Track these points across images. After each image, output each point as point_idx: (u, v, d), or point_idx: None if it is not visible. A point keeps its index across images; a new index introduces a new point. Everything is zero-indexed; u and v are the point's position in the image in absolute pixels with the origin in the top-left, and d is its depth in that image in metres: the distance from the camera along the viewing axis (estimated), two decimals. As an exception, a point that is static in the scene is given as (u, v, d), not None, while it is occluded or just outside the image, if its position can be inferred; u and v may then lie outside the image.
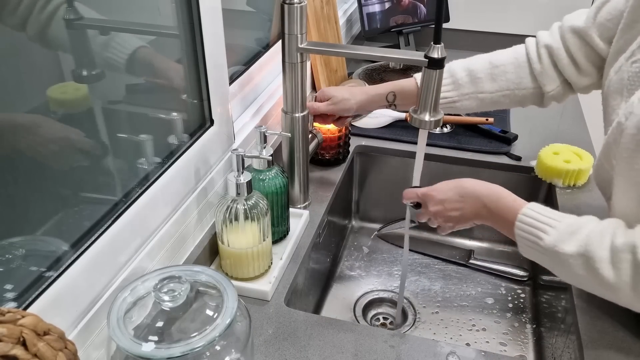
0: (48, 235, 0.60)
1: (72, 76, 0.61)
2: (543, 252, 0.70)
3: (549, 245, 0.69)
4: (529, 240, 0.71)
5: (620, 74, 0.75)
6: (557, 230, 0.69)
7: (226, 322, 0.58)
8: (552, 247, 0.68)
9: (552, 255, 0.69)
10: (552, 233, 0.69)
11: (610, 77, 0.77)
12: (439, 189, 0.82)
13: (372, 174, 1.24)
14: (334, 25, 1.32)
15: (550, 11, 1.63)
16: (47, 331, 0.44)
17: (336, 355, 0.73)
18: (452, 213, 0.80)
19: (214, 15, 0.82)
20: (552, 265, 0.71)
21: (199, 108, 0.86)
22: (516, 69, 0.93)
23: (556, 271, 0.72)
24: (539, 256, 0.71)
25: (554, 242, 0.68)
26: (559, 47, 0.90)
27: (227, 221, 0.78)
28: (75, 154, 0.62)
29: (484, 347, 0.97)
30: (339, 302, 1.08)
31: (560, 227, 0.69)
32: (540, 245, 0.70)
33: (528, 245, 0.72)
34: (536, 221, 0.71)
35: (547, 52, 0.91)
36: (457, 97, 0.94)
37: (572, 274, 0.68)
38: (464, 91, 0.93)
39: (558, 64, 0.90)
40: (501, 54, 0.95)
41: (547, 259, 0.71)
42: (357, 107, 0.98)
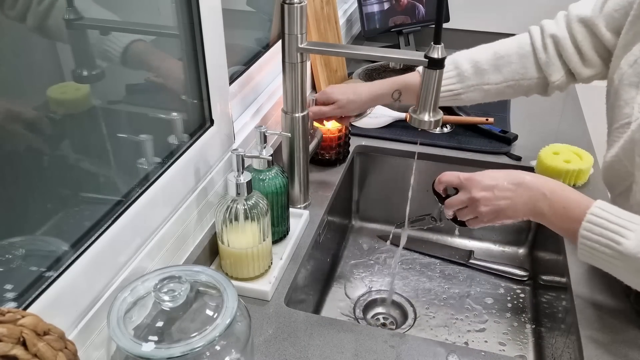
0: (48, 235, 0.60)
1: (72, 76, 0.61)
2: (618, 258, 0.62)
3: (631, 251, 0.61)
4: (600, 244, 0.63)
5: (637, 67, 0.74)
6: (637, 232, 0.61)
7: (226, 322, 0.58)
8: (635, 253, 0.61)
9: (631, 262, 0.61)
10: (632, 237, 0.61)
11: (623, 70, 0.76)
12: (486, 174, 0.75)
13: (372, 174, 1.24)
14: (334, 25, 1.32)
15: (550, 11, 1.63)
16: (47, 331, 0.44)
17: (336, 355, 0.73)
18: (501, 202, 0.73)
19: (214, 15, 0.82)
20: (626, 273, 0.64)
21: (199, 108, 0.86)
22: (521, 59, 0.91)
23: (632, 281, 0.65)
24: (610, 261, 0.63)
25: (636, 246, 0.61)
26: (564, 37, 0.88)
27: (227, 221, 0.78)
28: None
29: (484, 347, 0.97)
30: (339, 302, 1.08)
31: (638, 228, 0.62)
32: (617, 250, 0.62)
33: (597, 249, 0.64)
34: (610, 223, 0.63)
35: (553, 41, 0.89)
36: (462, 89, 0.93)
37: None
38: (469, 83, 0.92)
39: (563, 54, 0.89)
40: (505, 43, 0.93)
41: (622, 266, 0.63)
42: (363, 107, 0.97)
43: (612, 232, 0.63)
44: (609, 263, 0.65)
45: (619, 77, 0.77)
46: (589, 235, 0.65)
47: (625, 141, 0.73)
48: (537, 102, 1.42)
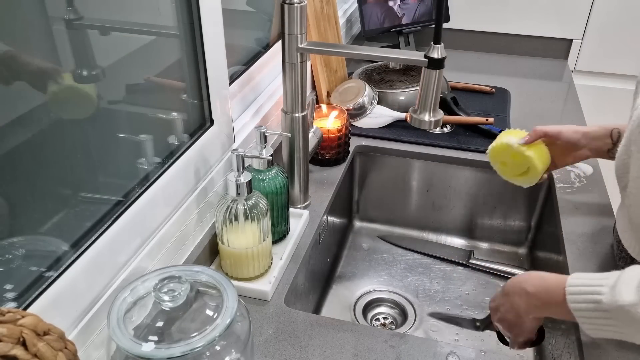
0: (48, 235, 0.60)
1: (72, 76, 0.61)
2: (608, 316, 0.62)
3: (610, 304, 0.61)
4: (588, 310, 0.64)
5: None
6: (609, 286, 0.62)
7: (226, 322, 0.58)
8: (614, 303, 0.61)
9: (619, 314, 0.61)
10: (605, 291, 0.62)
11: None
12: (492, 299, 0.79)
13: (372, 174, 1.24)
14: (334, 25, 1.32)
15: (550, 11, 1.64)
16: (47, 331, 0.44)
17: (336, 355, 0.73)
18: (508, 316, 0.76)
19: (214, 15, 0.82)
20: (625, 329, 0.63)
21: (199, 108, 0.86)
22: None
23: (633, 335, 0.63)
24: (607, 323, 0.63)
25: (612, 298, 0.61)
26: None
27: (227, 221, 0.78)
28: None
29: (484, 347, 0.97)
30: (339, 302, 1.08)
31: (610, 282, 0.63)
32: (601, 310, 0.62)
33: (590, 315, 0.64)
34: (585, 287, 0.64)
35: None
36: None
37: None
38: None
39: None
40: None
41: (617, 323, 0.62)
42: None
43: (590, 294, 0.64)
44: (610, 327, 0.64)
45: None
46: (577, 306, 0.65)
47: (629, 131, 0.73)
48: (537, 102, 1.42)
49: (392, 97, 1.30)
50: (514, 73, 1.60)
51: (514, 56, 1.72)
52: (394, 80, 1.34)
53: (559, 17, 1.64)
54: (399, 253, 1.19)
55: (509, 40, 1.72)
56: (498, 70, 1.62)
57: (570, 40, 1.67)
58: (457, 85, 1.46)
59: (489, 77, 1.54)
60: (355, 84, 1.28)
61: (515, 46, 1.72)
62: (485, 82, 1.49)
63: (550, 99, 1.45)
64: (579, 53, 1.68)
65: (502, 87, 1.47)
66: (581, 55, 1.68)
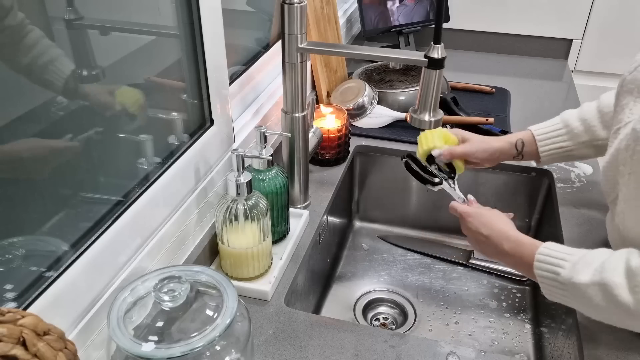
0: (48, 235, 0.60)
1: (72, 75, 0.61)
2: (563, 288, 0.69)
3: (566, 279, 0.67)
4: (548, 278, 0.70)
5: (636, 74, 0.74)
6: (572, 262, 0.68)
7: (226, 322, 0.58)
8: (569, 279, 0.67)
9: (571, 289, 0.68)
10: (567, 266, 0.68)
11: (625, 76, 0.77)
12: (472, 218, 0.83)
13: (372, 174, 1.24)
14: (334, 25, 1.32)
15: (550, 11, 1.64)
16: (47, 331, 0.44)
17: (336, 355, 0.73)
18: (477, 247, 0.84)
19: (214, 15, 0.82)
20: (575, 302, 0.70)
21: (199, 108, 0.86)
22: None
23: (580, 308, 0.71)
24: (561, 294, 0.70)
25: (570, 274, 0.67)
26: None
27: (227, 221, 0.78)
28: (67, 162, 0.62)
29: (484, 347, 0.97)
30: (339, 302, 1.08)
31: (574, 259, 0.68)
32: (558, 281, 0.69)
33: (549, 284, 0.71)
34: (552, 258, 0.70)
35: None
36: (573, 146, 0.94)
37: (594, 306, 0.66)
38: (580, 140, 0.93)
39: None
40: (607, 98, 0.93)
41: (569, 295, 0.69)
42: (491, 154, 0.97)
43: (553, 265, 0.70)
44: (563, 297, 0.70)
45: (621, 82, 0.77)
46: (540, 272, 0.71)
47: (614, 148, 0.73)
48: (537, 102, 1.42)
49: (392, 97, 1.30)
50: (514, 73, 1.60)
51: (514, 56, 1.72)
52: (394, 80, 1.34)
53: (559, 17, 1.64)
54: (399, 253, 1.19)
55: (509, 40, 1.72)
56: (498, 70, 1.62)
57: (570, 40, 1.67)
58: (457, 85, 1.46)
59: (489, 77, 1.54)
60: (355, 84, 1.28)
61: (515, 46, 1.72)
62: (485, 82, 1.49)
63: (550, 99, 1.45)
64: (579, 53, 1.68)
65: (502, 87, 1.47)
66: (581, 55, 1.68)
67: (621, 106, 0.76)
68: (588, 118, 0.92)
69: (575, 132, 0.93)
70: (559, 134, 0.94)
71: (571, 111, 0.96)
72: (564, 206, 1.02)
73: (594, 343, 0.74)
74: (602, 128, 0.91)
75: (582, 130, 0.92)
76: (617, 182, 0.73)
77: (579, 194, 1.06)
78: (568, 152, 0.94)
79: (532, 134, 0.96)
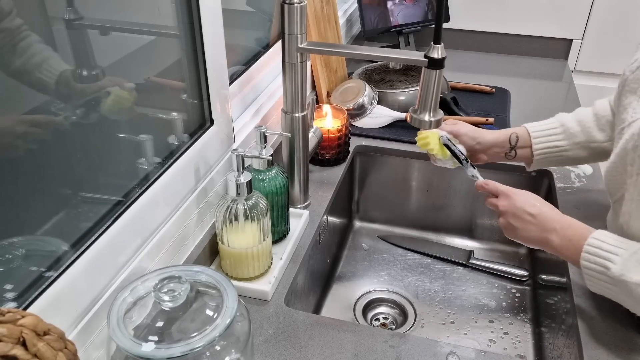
0: (48, 235, 0.60)
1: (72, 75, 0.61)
2: (612, 283, 0.67)
3: (617, 275, 0.65)
4: (596, 271, 0.68)
5: (638, 73, 0.74)
6: (623, 258, 0.66)
7: (226, 322, 0.58)
8: (620, 276, 0.65)
9: (621, 285, 0.65)
10: (618, 261, 0.66)
11: (626, 75, 0.77)
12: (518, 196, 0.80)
13: (372, 174, 1.24)
14: (334, 25, 1.32)
15: (550, 11, 1.64)
16: (47, 331, 0.44)
17: (336, 355, 0.73)
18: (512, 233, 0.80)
19: (214, 15, 0.82)
20: (622, 298, 0.68)
21: (199, 108, 0.86)
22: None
23: (627, 304, 0.69)
24: (609, 288, 0.68)
25: (621, 270, 0.65)
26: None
27: (227, 221, 0.78)
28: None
29: (484, 347, 0.97)
30: (339, 302, 1.08)
31: (626, 254, 0.66)
32: (607, 275, 0.66)
33: (596, 277, 0.68)
34: (602, 250, 0.67)
35: None
36: (568, 146, 0.93)
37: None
38: (576, 140, 0.93)
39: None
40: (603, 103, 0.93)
41: (618, 291, 0.67)
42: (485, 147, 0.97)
43: (603, 258, 0.67)
44: (609, 290, 0.69)
45: (622, 82, 0.77)
46: (587, 264, 0.69)
47: (620, 148, 0.73)
48: (537, 102, 1.42)
49: (392, 97, 1.30)
50: (514, 73, 1.60)
51: (514, 56, 1.72)
52: (394, 80, 1.34)
53: (559, 17, 1.64)
54: (399, 253, 1.19)
55: (509, 40, 1.72)
56: (498, 70, 1.62)
57: (570, 40, 1.67)
58: (457, 85, 1.46)
59: (489, 77, 1.54)
60: (355, 84, 1.28)
61: (515, 46, 1.72)
62: (485, 82, 1.49)
63: (550, 99, 1.45)
64: (579, 53, 1.68)
65: (502, 87, 1.47)
66: (581, 55, 1.68)
67: (624, 106, 0.76)
68: (584, 120, 0.92)
69: (572, 131, 0.92)
70: (555, 132, 0.94)
71: (566, 114, 0.95)
72: (564, 206, 1.02)
73: (594, 343, 0.74)
74: (598, 130, 0.91)
75: (578, 130, 0.92)
76: (623, 182, 0.73)
77: (579, 194, 1.06)
78: (562, 152, 0.94)
79: (527, 130, 0.95)
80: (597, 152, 0.92)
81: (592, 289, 0.71)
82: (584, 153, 0.93)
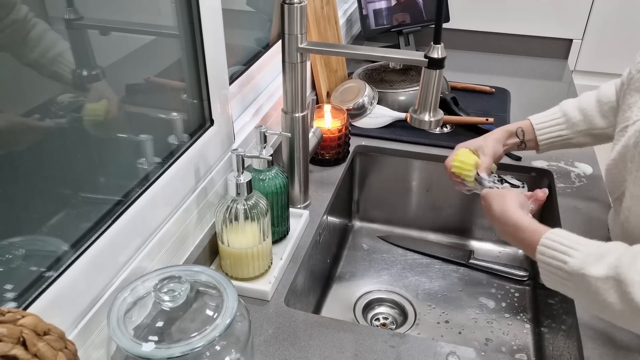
0: (48, 235, 0.60)
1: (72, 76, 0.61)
2: (568, 278, 0.66)
3: (575, 269, 0.64)
4: (551, 266, 0.67)
5: None
6: (583, 253, 0.65)
7: (226, 322, 0.58)
8: (578, 270, 0.64)
9: (578, 280, 0.64)
10: (577, 256, 0.65)
11: (632, 74, 0.77)
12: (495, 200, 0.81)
13: (372, 174, 1.24)
14: (334, 25, 1.32)
15: (550, 11, 1.64)
16: (47, 331, 0.44)
17: (336, 355, 0.73)
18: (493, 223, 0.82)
19: (214, 15, 0.82)
20: (578, 294, 0.67)
21: (199, 108, 0.86)
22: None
23: (583, 300, 0.67)
24: (564, 283, 0.67)
25: (580, 264, 0.64)
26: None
27: (227, 221, 0.78)
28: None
29: (484, 347, 0.97)
30: (339, 302, 1.08)
31: (586, 250, 0.65)
32: (564, 270, 0.66)
33: (551, 271, 0.68)
34: (560, 245, 0.67)
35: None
36: (571, 134, 0.96)
37: (600, 301, 0.63)
38: (578, 129, 0.95)
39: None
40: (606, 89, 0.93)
41: (573, 286, 0.66)
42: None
43: (561, 252, 0.66)
44: (566, 287, 0.67)
45: (628, 81, 0.77)
46: (543, 258, 0.68)
47: (622, 145, 0.73)
48: (537, 102, 1.42)
49: (392, 97, 1.30)
50: (514, 73, 1.60)
51: (514, 56, 1.72)
52: (394, 80, 1.34)
53: (559, 17, 1.64)
54: (399, 253, 1.19)
55: (509, 40, 1.72)
56: (498, 70, 1.62)
57: (570, 40, 1.67)
58: (457, 85, 1.46)
59: (489, 77, 1.54)
60: (355, 84, 1.28)
61: (515, 46, 1.72)
62: (485, 82, 1.49)
63: (550, 99, 1.44)
64: (579, 53, 1.68)
65: (502, 87, 1.47)
66: (581, 55, 1.68)
67: (628, 104, 0.76)
68: (586, 107, 0.94)
69: (574, 121, 0.95)
70: (557, 122, 0.96)
71: (570, 100, 0.97)
72: (564, 206, 1.02)
73: (594, 343, 0.74)
74: (600, 117, 0.92)
75: (580, 119, 0.94)
76: (623, 180, 0.73)
77: (579, 193, 1.06)
78: (566, 140, 0.97)
79: (531, 123, 0.98)
80: (600, 138, 0.95)
81: (547, 284, 0.70)
82: (587, 139, 0.95)
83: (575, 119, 0.95)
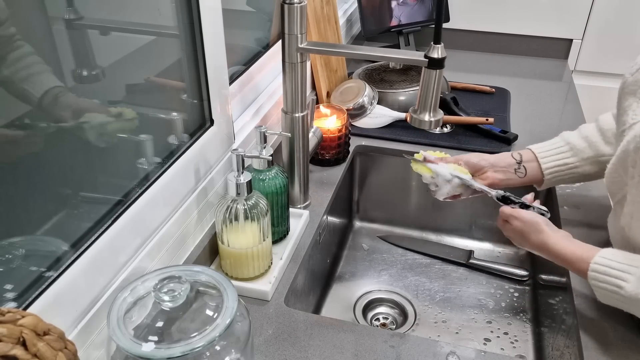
0: (48, 235, 0.60)
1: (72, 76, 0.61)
2: (626, 302, 0.69)
3: (632, 295, 0.67)
4: (607, 290, 0.70)
5: (638, 75, 0.74)
6: (636, 276, 0.67)
7: (226, 322, 0.58)
8: (636, 295, 0.66)
9: (636, 303, 0.67)
10: (631, 280, 0.67)
11: (626, 77, 0.77)
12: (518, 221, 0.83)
13: (372, 174, 1.24)
14: (334, 25, 1.32)
15: (550, 11, 1.64)
16: (47, 331, 0.44)
17: (336, 355, 0.73)
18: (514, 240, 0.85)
19: (214, 15, 0.82)
20: (634, 311, 0.70)
21: (199, 108, 0.86)
22: None
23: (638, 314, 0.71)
24: (621, 304, 0.70)
25: (636, 290, 0.66)
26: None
27: (227, 221, 0.78)
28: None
29: (484, 347, 0.97)
30: (339, 302, 1.08)
31: (638, 272, 0.67)
32: (620, 294, 0.68)
33: (607, 295, 0.70)
34: (611, 269, 0.69)
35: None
36: (577, 162, 0.92)
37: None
38: (584, 156, 0.92)
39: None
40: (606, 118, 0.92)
41: (632, 308, 0.69)
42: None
43: (615, 277, 0.69)
44: (624, 306, 0.71)
45: (622, 84, 0.77)
46: (598, 284, 0.71)
47: (621, 150, 0.73)
48: (537, 102, 1.42)
49: (392, 97, 1.30)
50: (514, 73, 1.60)
51: (514, 56, 1.72)
52: (394, 80, 1.34)
53: (559, 17, 1.64)
54: (399, 253, 1.19)
55: (509, 40, 1.72)
56: (498, 70, 1.62)
57: (570, 40, 1.67)
58: (457, 85, 1.46)
59: (489, 77, 1.54)
60: (355, 84, 1.28)
61: (515, 46, 1.72)
62: (485, 82, 1.49)
63: (550, 99, 1.45)
64: (579, 53, 1.68)
65: (502, 87, 1.47)
66: (581, 55, 1.68)
67: (624, 108, 0.76)
68: (589, 135, 0.91)
69: (579, 148, 0.91)
70: (562, 150, 0.93)
71: (569, 132, 0.95)
72: (564, 207, 1.02)
73: (594, 343, 0.74)
74: (605, 144, 0.90)
75: (585, 146, 0.91)
76: (624, 184, 0.73)
77: (579, 194, 1.06)
78: (572, 169, 0.92)
79: (533, 152, 0.94)
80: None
81: (603, 301, 0.73)
82: (594, 168, 0.91)
83: (580, 145, 0.91)
